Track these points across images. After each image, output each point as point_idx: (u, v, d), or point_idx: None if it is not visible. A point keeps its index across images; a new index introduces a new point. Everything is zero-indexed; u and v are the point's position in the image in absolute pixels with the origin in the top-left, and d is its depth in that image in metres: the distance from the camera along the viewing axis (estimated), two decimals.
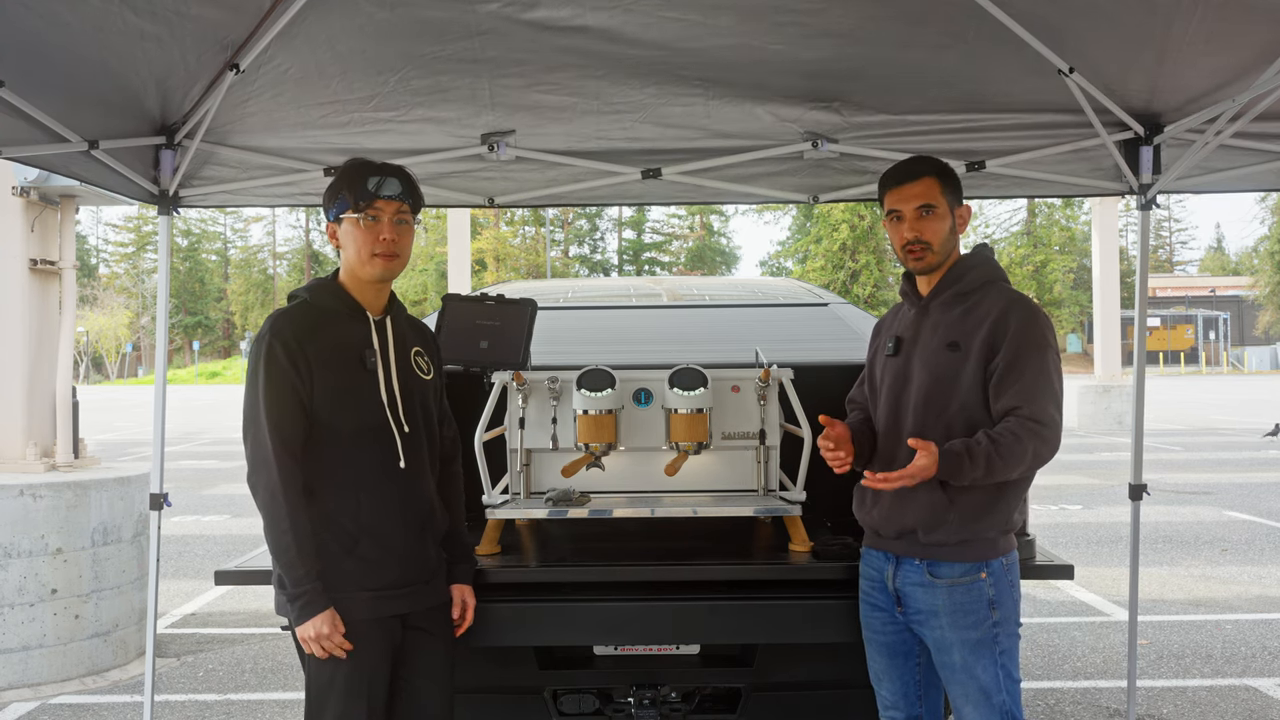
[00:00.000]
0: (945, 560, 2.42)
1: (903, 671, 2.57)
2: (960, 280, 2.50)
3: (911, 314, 2.57)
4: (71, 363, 5.51)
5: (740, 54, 3.05)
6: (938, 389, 2.44)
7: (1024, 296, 2.49)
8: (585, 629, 2.80)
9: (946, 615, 2.42)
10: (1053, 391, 2.37)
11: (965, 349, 2.42)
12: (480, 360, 3.10)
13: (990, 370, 2.39)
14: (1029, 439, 2.32)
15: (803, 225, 53.82)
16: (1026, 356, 2.37)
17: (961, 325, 2.45)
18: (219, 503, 10.93)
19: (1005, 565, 2.45)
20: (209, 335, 68.17)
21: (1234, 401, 27.75)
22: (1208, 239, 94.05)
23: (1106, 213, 18.86)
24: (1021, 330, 2.39)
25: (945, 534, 2.41)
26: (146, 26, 2.72)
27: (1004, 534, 2.46)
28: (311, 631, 2.30)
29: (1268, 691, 4.60)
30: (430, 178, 3.71)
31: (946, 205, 2.49)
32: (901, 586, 2.49)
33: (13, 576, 4.67)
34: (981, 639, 2.40)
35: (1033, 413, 2.33)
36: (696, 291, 4.76)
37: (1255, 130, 3.33)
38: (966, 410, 2.41)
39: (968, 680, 2.41)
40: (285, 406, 2.33)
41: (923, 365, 2.48)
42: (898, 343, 2.56)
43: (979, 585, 2.41)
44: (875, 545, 2.58)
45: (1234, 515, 9.45)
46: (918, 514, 2.43)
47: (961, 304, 2.48)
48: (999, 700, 2.40)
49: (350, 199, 2.41)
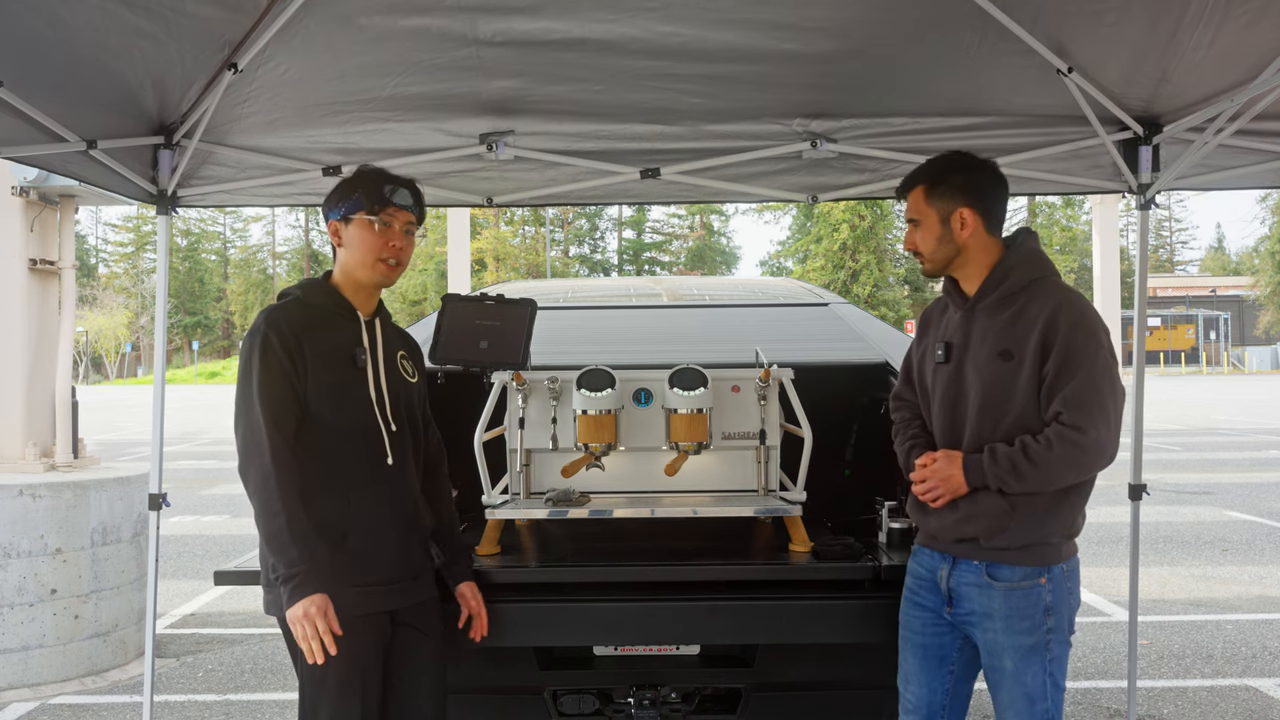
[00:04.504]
0: (1006, 563, 2.37)
1: (933, 677, 2.51)
2: (1005, 281, 2.42)
3: (958, 317, 2.49)
4: (71, 363, 5.51)
5: (739, 55, 3.05)
6: (992, 400, 2.37)
7: (1074, 294, 2.41)
8: (585, 629, 2.80)
9: (1001, 619, 2.37)
10: (1098, 397, 2.29)
11: (1019, 357, 2.35)
12: (480, 360, 3.09)
13: (1043, 376, 2.34)
14: (1062, 445, 2.27)
15: (803, 225, 53.82)
16: (1076, 361, 2.30)
17: (1012, 331, 2.37)
18: (218, 503, 10.93)
19: (1065, 571, 2.39)
20: (208, 335, 68.15)
21: (1234, 401, 27.75)
22: (1208, 239, 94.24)
23: (1107, 213, 18.88)
24: (1070, 332, 2.31)
25: (1008, 539, 2.36)
26: (143, 24, 2.72)
27: (1067, 539, 2.41)
28: (301, 611, 2.24)
29: (1268, 692, 4.59)
30: (429, 177, 3.71)
31: (935, 214, 2.46)
32: (956, 586, 2.44)
33: (12, 576, 4.66)
34: (1034, 645, 2.36)
35: (1072, 419, 2.27)
36: (696, 291, 4.76)
37: (1254, 129, 3.33)
38: (1024, 420, 2.35)
39: (1014, 686, 2.37)
40: (280, 395, 2.33)
41: (976, 376, 2.40)
42: (948, 349, 2.48)
43: (1037, 590, 2.36)
44: (932, 546, 2.52)
45: (1234, 515, 9.45)
46: (979, 522, 2.38)
47: (1009, 307, 2.40)
48: (1041, 708, 2.36)
49: (365, 201, 2.44)
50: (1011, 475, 2.31)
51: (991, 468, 2.33)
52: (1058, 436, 2.28)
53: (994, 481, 2.33)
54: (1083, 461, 2.29)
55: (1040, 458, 2.28)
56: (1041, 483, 2.31)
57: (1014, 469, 2.30)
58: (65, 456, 5.26)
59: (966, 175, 2.49)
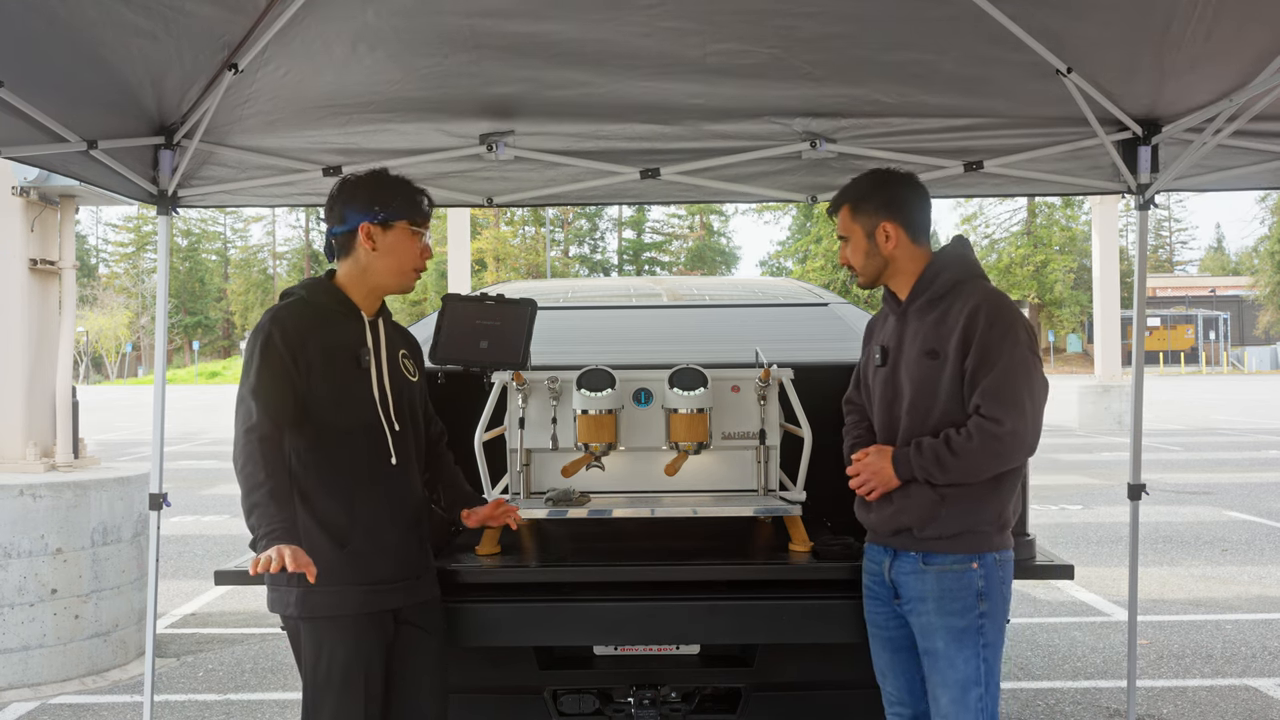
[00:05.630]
0: (939, 552, 2.46)
1: (905, 667, 2.58)
2: (932, 284, 2.54)
3: (893, 321, 2.62)
4: (71, 363, 5.51)
5: (738, 56, 3.06)
6: (921, 397, 2.49)
7: (995, 293, 2.51)
8: (585, 629, 2.80)
9: (934, 600, 2.45)
10: (1013, 390, 2.37)
11: (943, 355, 2.45)
12: (480, 360, 3.10)
13: (964, 371, 2.43)
14: (980, 437, 2.36)
15: (802, 225, 53.85)
16: (994, 355, 2.39)
17: (937, 331, 2.48)
18: (218, 503, 10.92)
19: (998, 561, 2.47)
20: (209, 335, 68.16)
21: (1234, 402, 27.75)
22: (1208, 239, 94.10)
23: (1106, 213, 18.85)
24: (988, 329, 2.41)
25: (939, 528, 2.45)
26: (140, 22, 2.72)
27: (999, 530, 2.49)
28: (273, 553, 2.14)
29: (1268, 691, 4.60)
30: (429, 177, 3.71)
31: (860, 229, 2.58)
32: (897, 577, 2.53)
33: (13, 576, 4.67)
34: (966, 628, 2.43)
35: (990, 411, 2.36)
36: (696, 291, 4.76)
37: (1253, 130, 3.33)
38: (949, 416, 2.45)
39: (947, 668, 2.43)
40: (278, 389, 2.34)
41: (908, 375, 2.52)
42: (884, 352, 2.61)
43: (969, 574, 2.44)
44: (875, 541, 2.62)
45: (1234, 515, 9.45)
46: (911, 513, 2.47)
47: (936, 309, 2.52)
48: (976, 693, 2.41)
49: (408, 210, 2.49)
50: (935, 466, 2.40)
51: (917, 459, 2.43)
52: (976, 428, 2.37)
53: (920, 473, 2.44)
54: (1002, 452, 2.38)
55: (961, 449, 2.37)
56: (965, 473, 2.40)
57: (938, 460, 2.40)
58: (66, 456, 5.27)
59: (887, 191, 2.60)
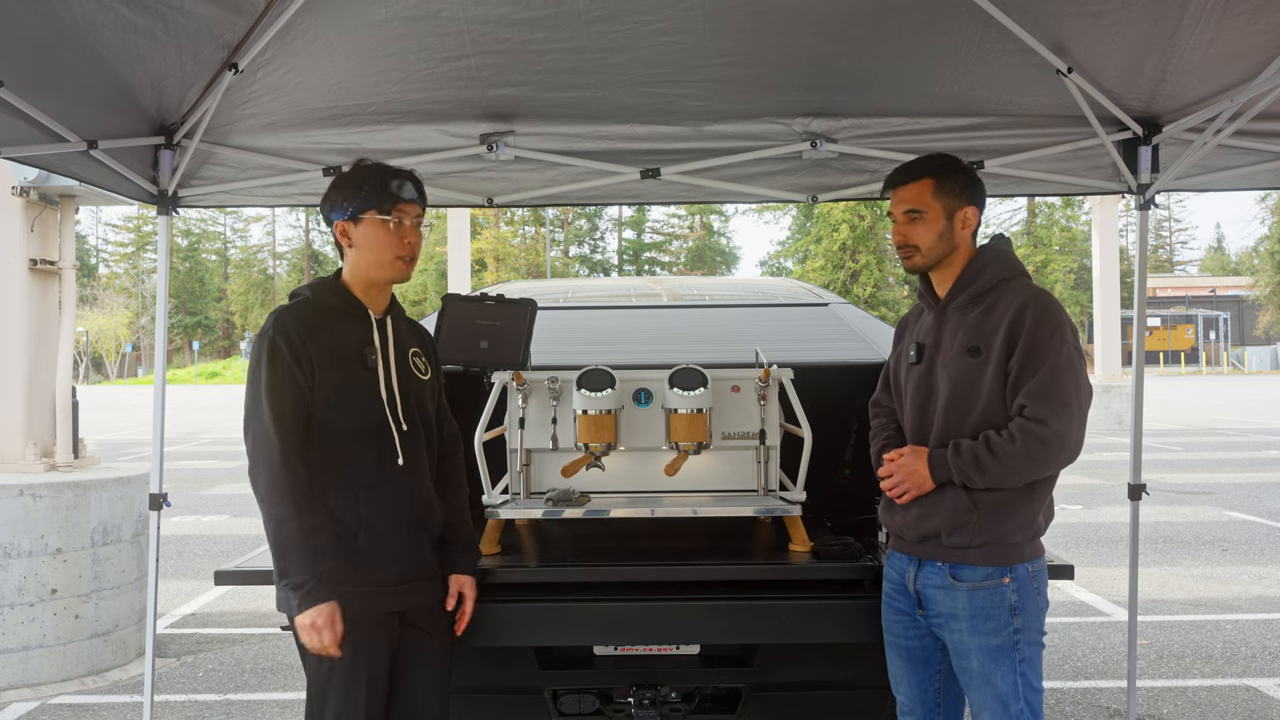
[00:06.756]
0: (967, 564, 2.38)
1: (922, 678, 2.52)
2: (976, 280, 2.44)
3: (930, 318, 2.52)
4: (71, 363, 5.51)
5: (739, 57, 3.06)
6: (960, 396, 2.39)
7: (1042, 291, 2.41)
8: (585, 629, 2.80)
9: (966, 619, 2.37)
10: (1061, 391, 2.28)
11: (985, 353, 2.36)
12: (480, 360, 3.10)
13: (1008, 371, 2.34)
14: (1024, 438, 2.27)
15: (803, 225, 53.80)
16: (1040, 356, 2.30)
17: (980, 329, 2.39)
18: (218, 503, 10.92)
19: (1031, 571, 2.38)
20: (209, 335, 68.15)
21: (1234, 402, 27.75)
22: (1208, 239, 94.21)
23: (1106, 213, 18.86)
24: (1036, 327, 2.31)
25: (967, 536, 2.36)
26: (140, 21, 2.72)
27: (1031, 539, 2.40)
28: (309, 621, 2.27)
29: (1268, 691, 4.60)
30: (429, 178, 3.70)
31: (940, 208, 2.44)
32: (923, 588, 2.45)
33: (13, 576, 4.67)
34: (1001, 645, 2.35)
35: (1035, 412, 2.27)
36: (696, 291, 4.76)
37: (1254, 130, 3.33)
38: (989, 415, 2.35)
39: (984, 687, 2.36)
40: (287, 400, 2.33)
41: (945, 373, 2.42)
42: (920, 350, 2.51)
43: (1001, 590, 2.35)
44: (899, 548, 2.54)
45: (1234, 515, 9.45)
46: (940, 518, 2.39)
47: (979, 305, 2.42)
48: (1016, 709, 2.35)
49: (374, 199, 2.41)
50: (974, 469, 2.31)
51: (955, 461, 2.34)
52: (1020, 430, 2.28)
53: (957, 475, 2.34)
54: (1046, 455, 2.29)
55: (1003, 451, 2.28)
56: (1004, 477, 2.31)
57: (976, 462, 2.31)
58: (65, 456, 5.27)
59: (969, 175, 2.50)
